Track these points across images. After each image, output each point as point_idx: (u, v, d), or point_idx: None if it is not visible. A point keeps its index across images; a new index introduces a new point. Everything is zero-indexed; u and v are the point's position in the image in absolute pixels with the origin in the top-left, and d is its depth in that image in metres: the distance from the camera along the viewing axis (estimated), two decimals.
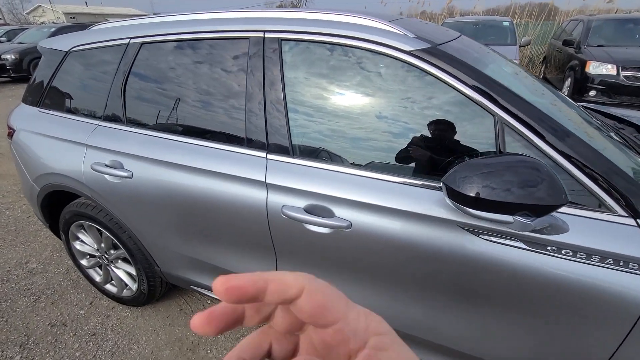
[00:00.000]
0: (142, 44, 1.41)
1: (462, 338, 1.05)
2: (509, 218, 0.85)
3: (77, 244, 1.89)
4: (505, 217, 0.85)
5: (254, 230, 1.22)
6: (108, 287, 1.96)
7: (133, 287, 1.85)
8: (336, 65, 1.12)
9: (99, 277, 1.97)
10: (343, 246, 1.10)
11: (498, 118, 0.94)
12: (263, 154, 1.19)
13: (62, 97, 1.65)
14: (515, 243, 0.91)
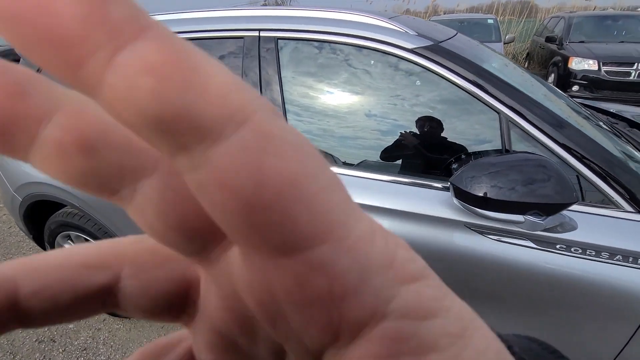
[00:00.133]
0: None
1: None
2: (519, 218, 0.83)
3: None
4: (516, 217, 0.84)
5: None
6: None
7: None
8: (336, 64, 1.09)
9: None
10: None
11: (503, 115, 0.93)
12: None
13: None
14: (525, 242, 0.90)
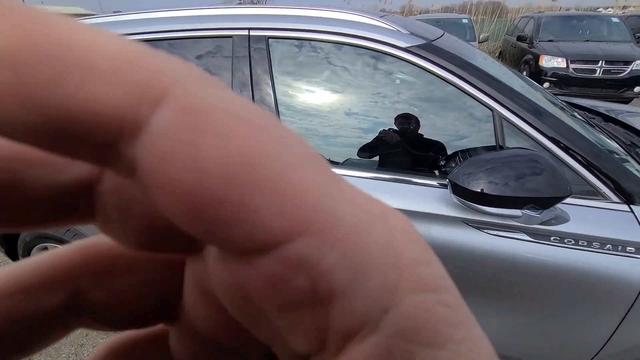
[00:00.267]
0: None
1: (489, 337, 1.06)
2: (517, 212, 0.85)
3: None
4: (513, 212, 0.86)
5: None
6: None
7: None
8: (327, 63, 1.08)
9: None
10: None
11: (496, 112, 0.95)
12: None
13: None
14: (520, 236, 0.92)
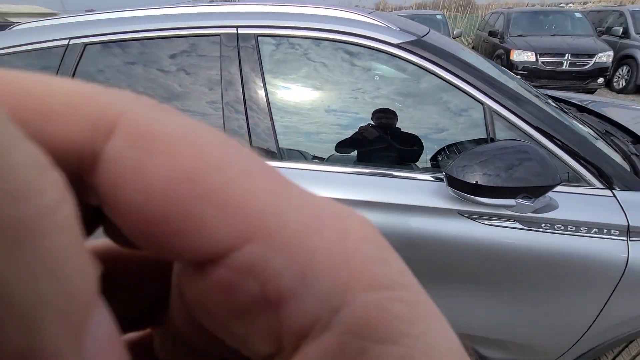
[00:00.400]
0: (86, 44, 1.22)
1: (474, 323, 1.09)
2: (511, 202, 0.88)
3: None
4: (507, 202, 0.89)
5: None
6: None
7: None
8: (318, 61, 1.08)
9: None
10: None
11: (487, 106, 0.98)
12: None
13: None
14: (513, 224, 0.96)
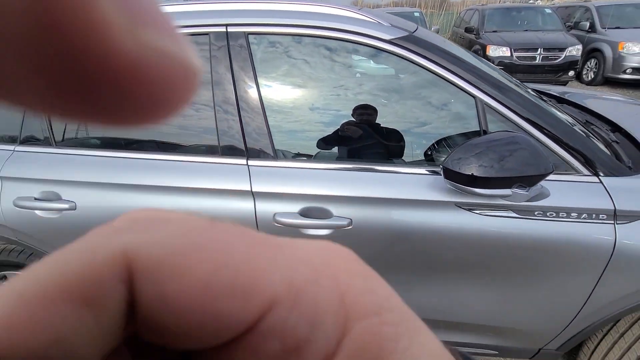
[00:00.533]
0: None
1: (474, 311, 1.12)
2: (507, 191, 0.91)
3: None
4: (503, 191, 0.91)
5: None
6: None
7: None
8: (312, 58, 1.07)
9: None
10: (344, 245, 1.07)
11: (479, 99, 1.00)
12: (243, 161, 1.09)
13: None
14: (508, 213, 0.99)
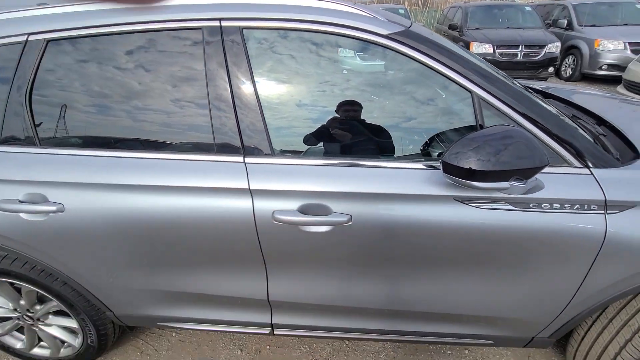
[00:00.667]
0: (49, 41, 1.11)
1: (471, 302, 1.13)
2: (505, 184, 0.92)
3: None
4: (501, 184, 0.92)
5: (239, 244, 1.10)
6: (37, 351, 1.56)
7: (75, 342, 1.51)
8: (306, 54, 1.06)
9: (20, 342, 1.55)
10: (344, 241, 1.06)
11: (475, 94, 1.01)
12: (239, 159, 1.07)
13: None
14: (504, 206, 1.00)
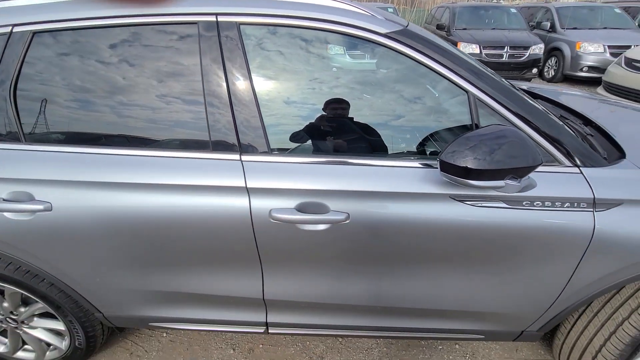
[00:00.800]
0: (35, 33, 1.07)
1: (464, 299, 1.15)
2: (500, 183, 0.94)
3: None
4: (497, 183, 0.94)
5: (235, 243, 1.09)
6: (21, 355, 1.51)
7: (61, 345, 1.46)
8: (304, 51, 1.05)
9: (3, 346, 1.49)
10: (341, 240, 1.06)
11: (471, 94, 1.03)
12: (236, 156, 1.06)
13: None
14: (498, 204, 1.03)
